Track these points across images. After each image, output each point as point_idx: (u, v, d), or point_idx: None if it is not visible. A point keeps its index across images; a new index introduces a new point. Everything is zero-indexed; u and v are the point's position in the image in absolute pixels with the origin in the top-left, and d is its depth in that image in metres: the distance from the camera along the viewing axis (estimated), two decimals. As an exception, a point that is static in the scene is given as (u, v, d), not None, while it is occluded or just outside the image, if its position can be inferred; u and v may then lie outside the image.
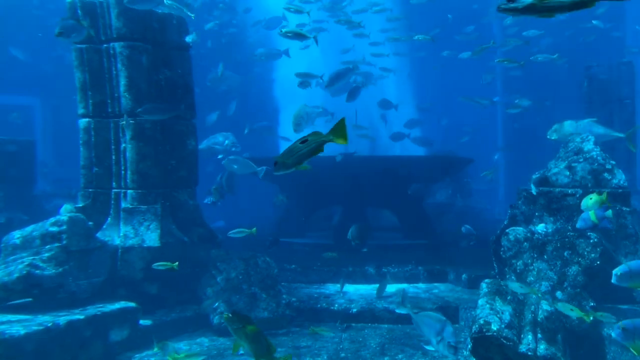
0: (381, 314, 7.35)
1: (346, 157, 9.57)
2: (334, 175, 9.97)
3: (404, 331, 6.98)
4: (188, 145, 7.70)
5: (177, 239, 7.15)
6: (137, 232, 6.91)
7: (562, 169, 6.74)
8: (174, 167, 7.47)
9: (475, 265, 8.67)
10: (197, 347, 6.43)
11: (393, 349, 6.29)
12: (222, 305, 6.96)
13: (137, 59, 7.02)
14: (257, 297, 7.21)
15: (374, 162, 10.78)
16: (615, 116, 11.66)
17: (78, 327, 5.74)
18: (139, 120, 7.03)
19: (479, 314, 5.08)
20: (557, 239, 5.75)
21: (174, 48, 7.54)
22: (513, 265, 5.81)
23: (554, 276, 5.46)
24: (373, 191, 10.59)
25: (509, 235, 5.98)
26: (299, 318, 7.38)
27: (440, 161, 11.97)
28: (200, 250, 7.57)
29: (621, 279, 4.02)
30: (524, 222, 6.69)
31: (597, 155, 6.68)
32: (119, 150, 7.17)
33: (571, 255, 5.55)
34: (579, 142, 7.02)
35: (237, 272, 7.29)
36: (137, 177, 7.07)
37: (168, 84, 7.39)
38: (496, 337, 4.71)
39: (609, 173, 6.55)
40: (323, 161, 10.81)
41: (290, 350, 6.26)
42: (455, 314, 7.30)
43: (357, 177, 9.97)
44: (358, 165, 10.28)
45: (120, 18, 7.00)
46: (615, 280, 4.00)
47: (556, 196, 6.50)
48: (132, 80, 7.02)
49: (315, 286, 8.61)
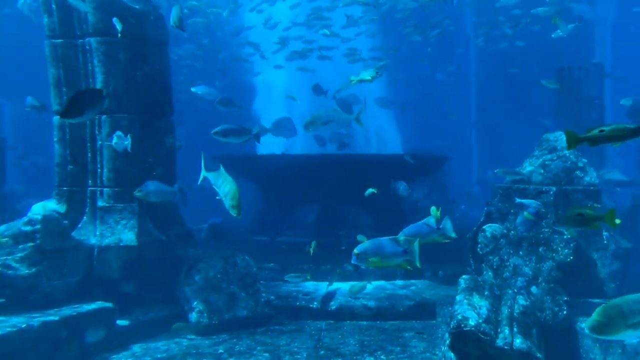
0: (360, 311, 7.41)
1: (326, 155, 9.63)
2: (312, 174, 9.99)
3: (383, 328, 7.05)
4: (166, 142, 7.61)
5: (155, 237, 7.06)
6: (114, 230, 6.80)
7: (537, 166, 6.92)
8: (151, 165, 7.36)
9: (452, 262, 8.80)
10: (175, 346, 6.36)
11: (372, 345, 6.35)
12: (200, 304, 6.90)
13: (114, 55, 6.90)
14: (236, 295, 7.18)
15: (350, 160, 10.83)
16: (584, 115, 12.00)
17: (53, 328, 5.62)
18: (116, 117, 6.92)
19: (457, 309, 5.17)
20: (531, 235, 5.89)
21: (151, 44, 7.43)
22: (489, 262, 5.93)
23: (529, 272, 5.60)
24: (350, 189, 10.64)
25: (486, 232, 6.10)
26: (279, 316, 7.38)
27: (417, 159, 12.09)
28: (178, 249, 7.49)
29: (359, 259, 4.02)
30: (499, 219, 6.84)
31: (570, 154, 6.88)
32: (95, 147, 7.03)
33: (546, 251, 5.70)
34: (553, 141, 7.22)
35: (216, 270, 7.24)
36: (113, 175, 6.95)
37: (146, 80, 7.28)
38: (474, 332, 4.80)
39: (581, 171, 6.75)
40: (301, 159, 10.89)
41: (269, 348, 6.26)
42: (432, 311, 7.42)
43: (334, 175, 10.01)
44: (335, 164, 10.32)
45: (96, 13, 6.86)
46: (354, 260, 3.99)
47: (531, 193, 6.67)
48: (109, 77, 6.89)
49: (293, 284, 8.62)
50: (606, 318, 3.14)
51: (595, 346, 4.94)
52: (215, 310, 6.94)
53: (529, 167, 7.00)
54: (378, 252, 3.99)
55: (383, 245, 4.03)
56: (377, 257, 3.97)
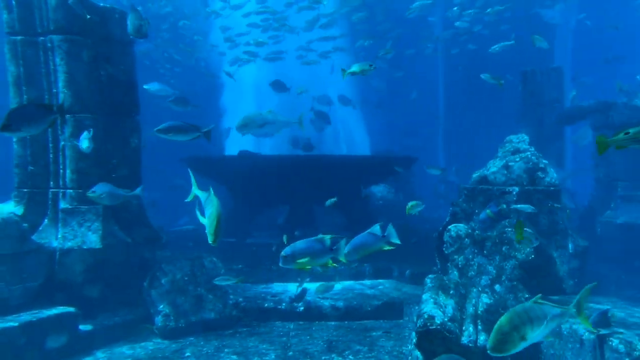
0: (328, 311, 7.44)
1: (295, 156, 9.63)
2: (281, 175, 9.97)
3: (351, 327, 7.11)
4: (131, 143, 7.47)
5: (120, 240, 6.92)
6: (77, 233, 6.62)
7: (500, 167, 7.08)
8: (115, 166, 7.21)
9: (419, 262, 8.95)
10: (141, 351, 6.26)
11: (340, 345, 6.38)
12: (167, 307, 6.81)
13: (77, 53, 6.72)
14: (203, 298, 7.11)
15: (319, 162, 10.86)
16: (545, 117, 12.36)
17: (11, 335, 5.45)
18: (79, 117, 6.74)
19: (423, 308, 5.26)
20: (495, 235, 6.03)
21: (116, 43, 7.28)
22: (455, 261, 6.04)
23: (493, 270, 5.73)
24: (319, 190, 10.68)
25: (451, 232, 6.20)
26: (247, 318, 7.35)
27: (384, 161, 12.24)
28: (145, 251, 7.36)
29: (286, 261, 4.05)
30: (464, 219, 6.97)
31: (531, 155, 7.08)
32: (57, 148, 6.84)
33: (509, 250, 5.85)
34: (516, 142, 7.41)
35: (183, 273, 7.16)
36: (77, 177, 6.77)
37: (110, 80, 7.13)
38: (440, 331, 4.89)
39: (542, 172, 6.94)
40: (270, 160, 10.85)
41: (237, 350, 6.22)
42: (400, 310, 7.51)
43: (303, 177, 10.03)
44: (304, 165, 10.33)
45: (58, 10, 6.67)
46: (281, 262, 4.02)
47: (494, 194, 6.83)
48: (72, 76, 6.71)
49: (262, 285, 8.60)
50: (503, 335, 3.21)
51: (556, 341, 5.10)
52: (182, 313, 6.86)
53: (493, 168, 7.16)
54: (305, 253, 4.01)
55: (310, 246, 4.05)
56: (304, 257, 3.99)
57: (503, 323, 3.24)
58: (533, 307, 3.40)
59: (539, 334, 3.32)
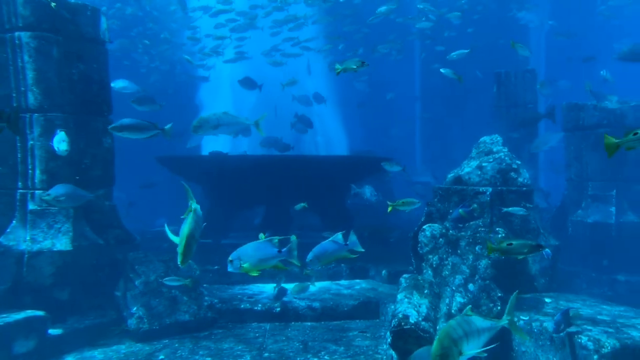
0: (305, 312, 7.43)
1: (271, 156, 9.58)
2: (257, 175, 9.91)
3: (327, 327, 7.10)
4: (104, 142, 7.34)
5: (91, 241, 6.78)
6: (47, 235, 6.47)
7: (474, 168, 7.16)
8: (88, 166, 7.08)
9: (396, 261, 9.01)
10: (113, 354, 6.14)
11: (316, 346, 6.38)
12: (140, 309, 6.70)
13: (47, 50, 6.57)
14: (177, 300, 7.02)
15: (294, 162, 10.84)
16: (520, 119, 12.57)
17: (-23, 340, 5.29)
18: (50, 117, 6.59)
19: (397, 307, 5.28)
20: (469, 234, 6.10)
21: (88, 41, 7.14)
22: (429, 261, 6.08)
23: (467, 270, 5.80)
24: (295, 191, 10.65)
25: (426, 232, 6.25)
26: (222, 320, 7.28)
27: (360, 161, 12.28)
28: (117, 253, 7.24)
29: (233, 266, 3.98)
30: (439, 219, 7.02)
31: (504, 156, 7.17)
32: (26, 147, 6.67)
33: (482, 249, 5.92)
34: (489, 143, 7.50)
35: (157, 274, 7.05)
36: (46, 177, 6.61)
37: (82, 78, 7.00)
38: (414, 330, 4.92)
39: (515, 172, 7.05)
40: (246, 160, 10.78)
41: (212, 352, 6.16)
42: (376, 309, 7.54)
43: (279, 177, 9.99)
44: (279, 165, 10.30)
45: (27, 5, 6.51)
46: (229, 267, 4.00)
47: (469, 194, 6.90)
48: (41, 74, 6.56)
49: (238, 287, 8.54)
50: (444, 350, 3.27)
51: (526, 339, 5.18)
52: (155, 315, 6.76)
53: (467, 168, 7.24)
54: (252, 256, 3.92)
55: (257, 249, 3.97)
56: (252, 260, 3.92)
57: (442, 337, 3.30)
58: (467, 320, 3.47)
59: (473, 347, 3.39)
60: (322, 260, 4.23)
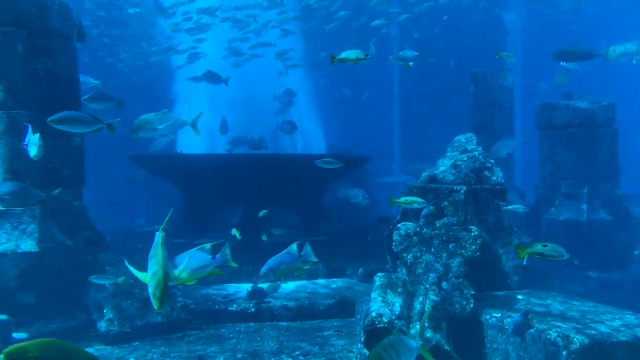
0: (280, 311, 7.35)
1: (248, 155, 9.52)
2: (235, 174, 9.81)
3: (303, 327, 7.04)
4: (73, 141, 7.16)
5: (59, 243, 6.60)
6: (10, 236, 6.27)
7: (449, 167, 7.18)
8: (56, 165, 6.89)
9: (373, 260, 8.99)
10: (82, 358, 5.98)
11: (291, 346, 6.31)
12: (111, 311, 6.55)
13: (10, 45, 6.36)
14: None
15: (272, 161, 10.76)
16: (496, 118, 12.70)
17: (-63, 345, 5.09)
18: (13, 114, 6.39)
19: (371, 306, 5.25)
20: (443, 232, 6.09)
21: (56, 36, 6.94)
22: (404, 259, 6.06)
23: (440, 268, 5.79)
24: (273, 190, 10.57)
25: (400, 230, 6.23)
26: (196, 321, 7.16)
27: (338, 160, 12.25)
28: (87, 254, 7.06)
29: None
30: (414, 218, 7.02)
31: (478, 155, 7.20)
32: (-11, 146, 6.47)
33: (455, 247, 5.92)
34: (464, 142, 7.53)
35: (128, 275, 6.90)
36: (10, 176, 6.41)
37: (48, 74, 6.80)
38: (387, 329, 4.88)
39: (489, 171, 7.08)
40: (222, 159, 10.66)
41: (184, 354, 6.04)
42: (352, 308, 7.51)
43: (257, 176, 9.91)
44: (258, 164, 10.21)
45: (-12, -1, 6.31)
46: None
47: (443, 192, 6.90)
48: (4, 69, 6.35)
49: (213, 287, 8.41)
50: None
51: (499, 335, 5.19)
52: (126, 317, 6.61)
53: (442, 167, 7.25)
54: (187, 266, 3.74)
55: (191, 258, 3.78)
56: (186, 270, 3.73)
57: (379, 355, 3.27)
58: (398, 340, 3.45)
59: None
60: (277, 273, 4.14)
